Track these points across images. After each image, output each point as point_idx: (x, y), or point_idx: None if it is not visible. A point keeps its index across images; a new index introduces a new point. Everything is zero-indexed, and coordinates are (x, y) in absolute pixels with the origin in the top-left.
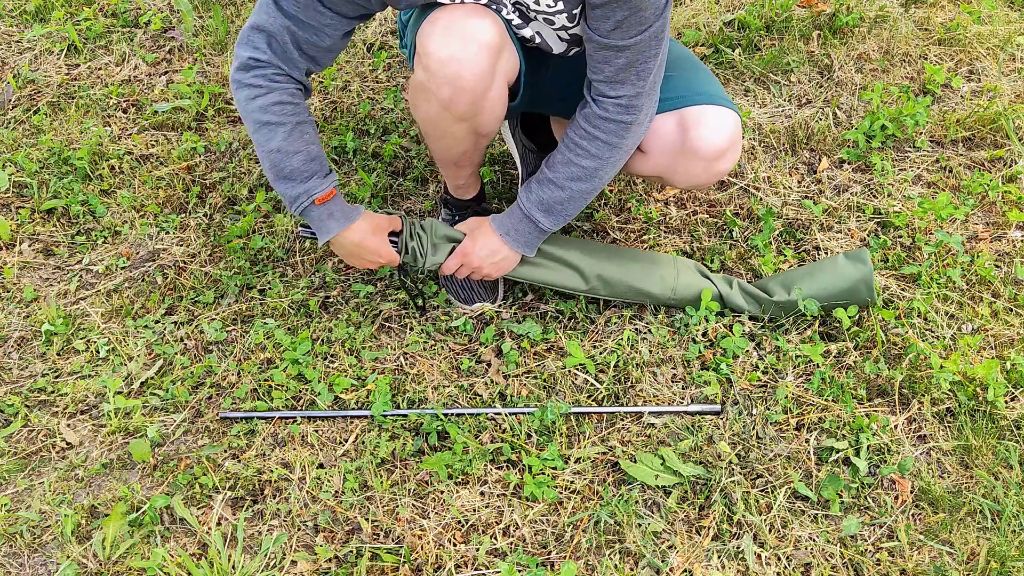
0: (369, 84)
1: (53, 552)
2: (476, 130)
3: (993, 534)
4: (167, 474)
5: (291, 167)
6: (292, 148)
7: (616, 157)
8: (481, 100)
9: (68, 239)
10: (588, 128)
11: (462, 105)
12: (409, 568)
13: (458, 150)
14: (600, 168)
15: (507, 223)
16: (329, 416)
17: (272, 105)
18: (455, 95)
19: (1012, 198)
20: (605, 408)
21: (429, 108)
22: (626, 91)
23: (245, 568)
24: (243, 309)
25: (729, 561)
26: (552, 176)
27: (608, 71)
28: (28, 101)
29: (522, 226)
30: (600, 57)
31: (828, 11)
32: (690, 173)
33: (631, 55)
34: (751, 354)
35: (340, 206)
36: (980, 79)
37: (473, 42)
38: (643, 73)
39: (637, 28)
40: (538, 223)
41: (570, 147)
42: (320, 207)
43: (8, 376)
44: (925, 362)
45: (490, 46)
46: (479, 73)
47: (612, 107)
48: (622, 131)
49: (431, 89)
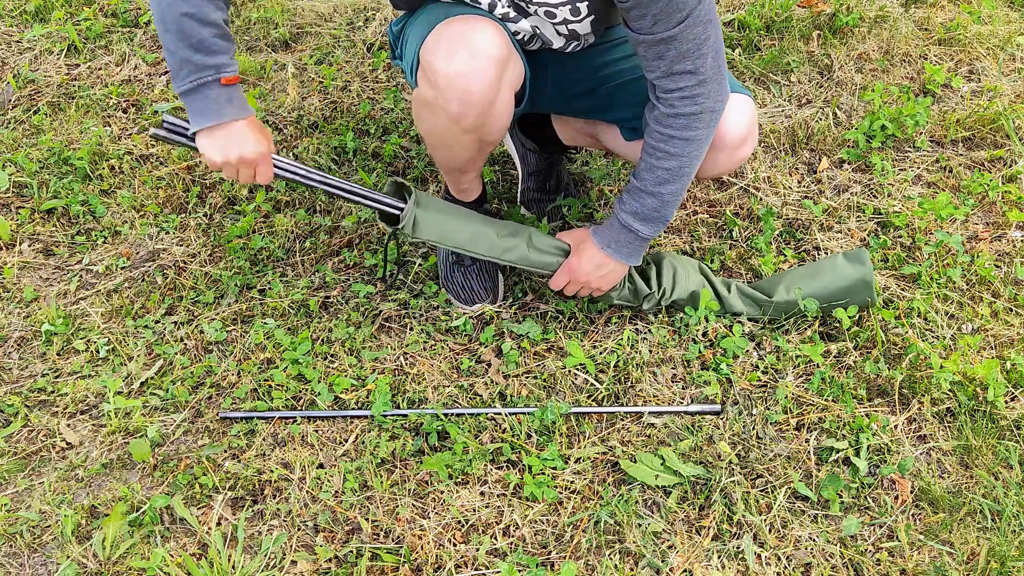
0: (369, 84)
1: (53, 552)
2: (482, 139)
3: (993, 534)
4: (167, 474)
5: (200, 37)
6: (205, 18)
7: (696, 150)
8: (489, 112)
9: (68, 239)
10: (661, 130)
11: (471, 118)
12: (409, 568)
13: (463, 158)
14: (684, 166)
15: (607, 236)
16: (329, 416)
17: None
18: (464, 109)
19: (1012, 198)
20: (605, 408)
21: (436, 122)
22: (686, 82)
23: (245, 568)
24: (243, 309)
25: (729, 561)
26: (640, 184)
27: (663, 66)
28: (28, 101)
29: (622, 237)
30: (651, 55)
31: (828, 11)
32: (715, 163)
33: (680, 45)
34: (751, 354)
35: (241, 95)
36: (980, 79)
37: (480, 56)
38: (698, 60)
39: (677, 16)
40: (637, 232)
41: (650, 152)
42: (223, 88)
43: (8, 376)
44: (925, 362)
45: (497, 58)
46: (487, 86)
47: (677, 102)
48: (694, 123)
49: (439, 104)
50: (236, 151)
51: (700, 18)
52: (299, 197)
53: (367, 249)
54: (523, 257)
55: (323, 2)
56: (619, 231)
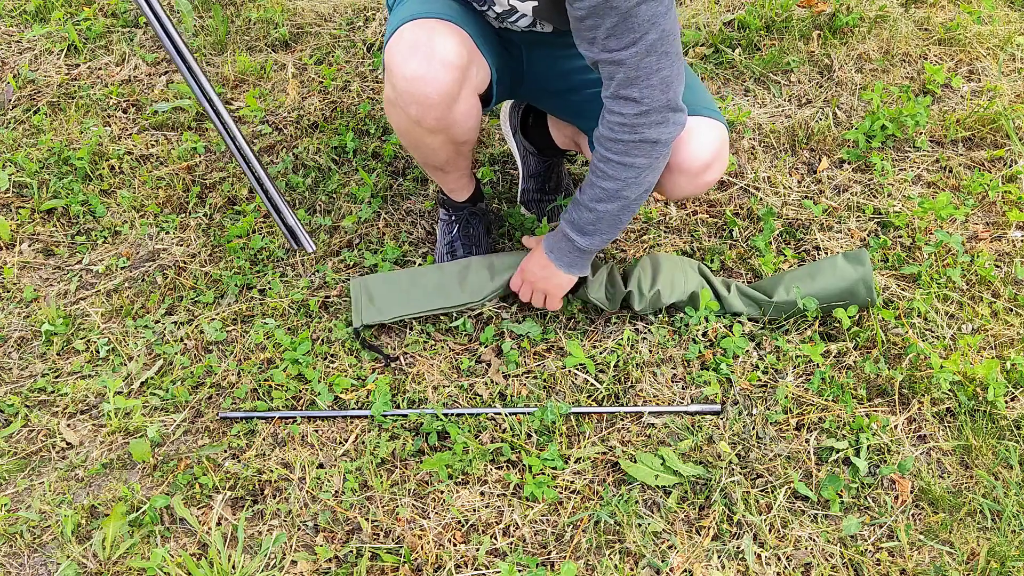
0: (369, 84)
1: (53, 552)
2: (452, 140)
3: (993, 534)
4: (167, 474)
5: None
6: None
7: (634, 176)
8: (448, 115)
9: (68, 239)
10: (601, 150)
11: (431, 120)
12: (409, 568)
13: (439, 158)
14: (621, 189)
15: (551, 241)
16: (329, 416)
17: None
18: (422, 112)
19: (1012, 198)
20: (605, 408)
21: (400, 121)
22: (628, 109)
23: (245, 568)
24: (243, 309)
25: (729, 561)
26: (580, 197)
27: (611, 87)
28: (28, 101)
29: (562, 244)
30: (604, 73)
31: (828, 11)
32: (677, 186)
33: (628, 71)
34: (751, 354)
35: None
36: (980, 79)
37: (437, 61)
38: (645, 90)
39: (630, 36)
40: (574, 242)
41: (592, 168)
42: None
43: (8, 376)
44: (925, 362)
45: (456, 65)
46: (444, 91)
47: (616, 127)
48: (632, 150)
49: (400, 105)
50: None
51: (654, 48)
52: (299, 197)
53: (367, 249)
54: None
55: (323, 2)
56: (559, 238)
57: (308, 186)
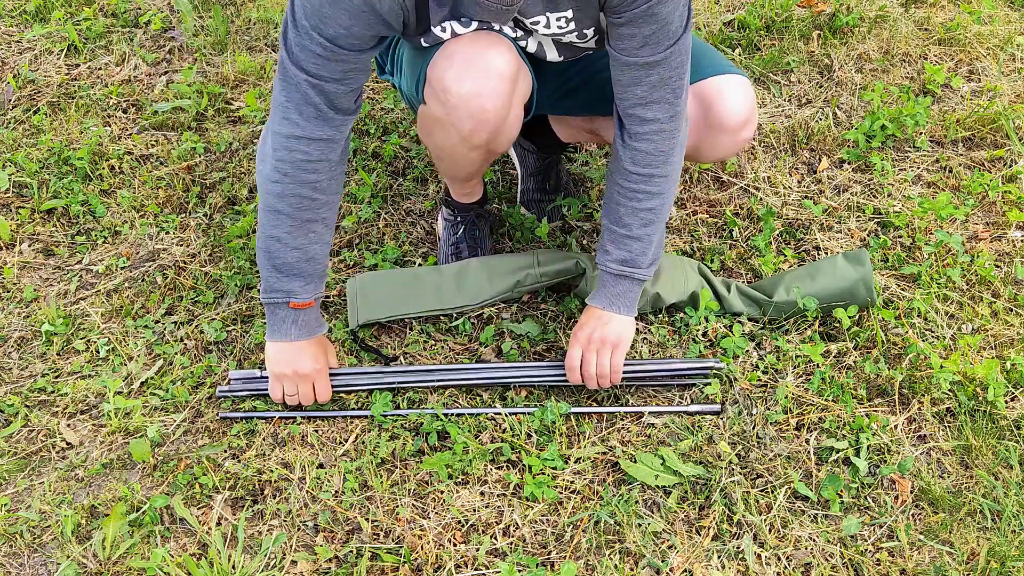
0: (369, 84)
1: (53, 552)
2: (492, 152)
3: (993, 534)
4: (167, 474)
5: (283, 260)
6: (292, 243)
7: (673, 182)
8: (501, 128)
9: (68, 239)
10: (640, 171)
11: (483, 135)
12: (409, 568)
13: (471, 170)
14: (664, 201)
15: (604, 297)
16: (329, 416)
17: (289, 196)
18: (476, 127)
19: (1012, 198)
20: (605, 408)
21: (446, 138)
22: (662, 112)
23: (245, 568)
24: (243, 309)
25: (729, 561)
26: (625, 232)
27: (640, 92)
28: (28, 101)
29: (621, 289)
30: (630, 79)
31: (828, 11)
32: (717, 147)
33: (663, 71)
34: (751, 354)
35: (313, 317)
36: (980, 79)
37: (493, 74)
38: (677, 90)
39: (666, 42)
40: (635, 277)
41: (628, 196)
42: (291, 310)
43: (8, 376)
44: (925, 362)
45: (510, 76)
46: (500, 104)
47: (653, 136)
48: (672, 158)
49: (450, 122)
50: (290, 366)
51: (684, 48)
52: None
53: (367, 249)
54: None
55: None
56: (614, 286)
57: None
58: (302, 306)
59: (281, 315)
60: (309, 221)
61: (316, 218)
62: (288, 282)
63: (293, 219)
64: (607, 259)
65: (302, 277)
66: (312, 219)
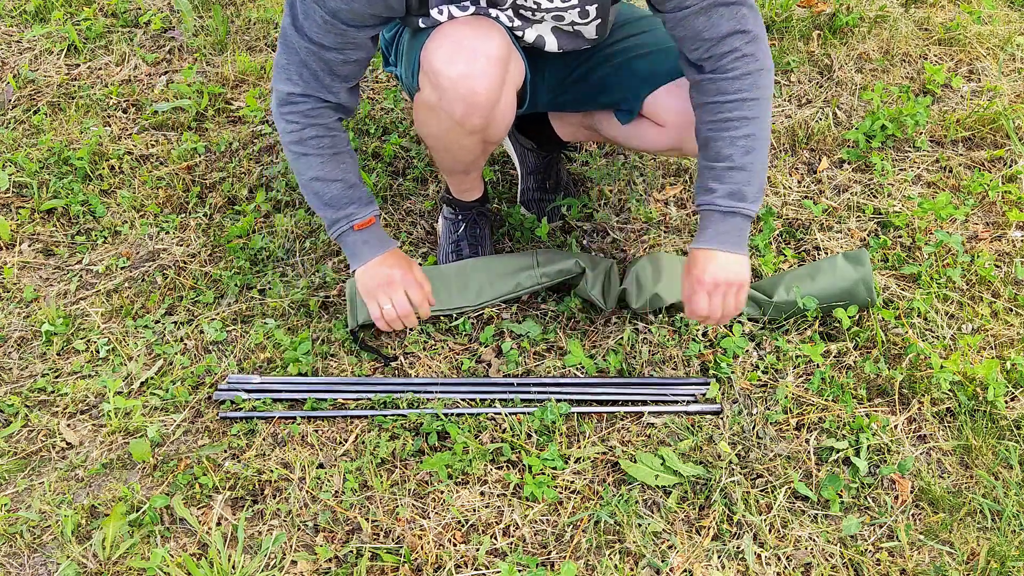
0: (369, 84)
1: (53, 552)
2: (486, 140)
3: (993, 534)
4: (167, 474)
5: (330, 194)
6: (329, 176)
7: (766, 105)
8: (492, 112)
9: (68, 239)
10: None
11: (475, 120)
12: (409, 568)
13: (467, 160)
14: (762, 126)
15: (715, 237)
16: (329, 416)
17: (309, 139)
18: (468, 111)
19: (1012, 198)
20: (605, 408)
21: (439, 125)
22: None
23: (245, 568)
24: (243, 309)
25: (729, 561)
26: (726, 165)
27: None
28: (28, 101)
29: (729, 226)
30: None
31: (828, 11)
32: None
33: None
34: (751, 354)
35: (378, 234)
36: (980, 79)
37: (482, 57)
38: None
39: None
40: (743, 212)
41: (722, 128)
42: (357, 233)
43: (8, 376)
44: (925, 362)
45: (499, 59)
46: (491, 87)
47: (736, 62)
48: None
49: (442, 107)
50: (375, 280)
51: None
52: (299, 197)
53: None
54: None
55: None
56: (722, 224)
57: None
58: (364, 225)
59: (351, 241)
60: (336, 154)
61: (340, 150)
62: (343, 210)
63: (321, 156)
64: (713, 197)
65: (353, 202)
66: (337, 151)
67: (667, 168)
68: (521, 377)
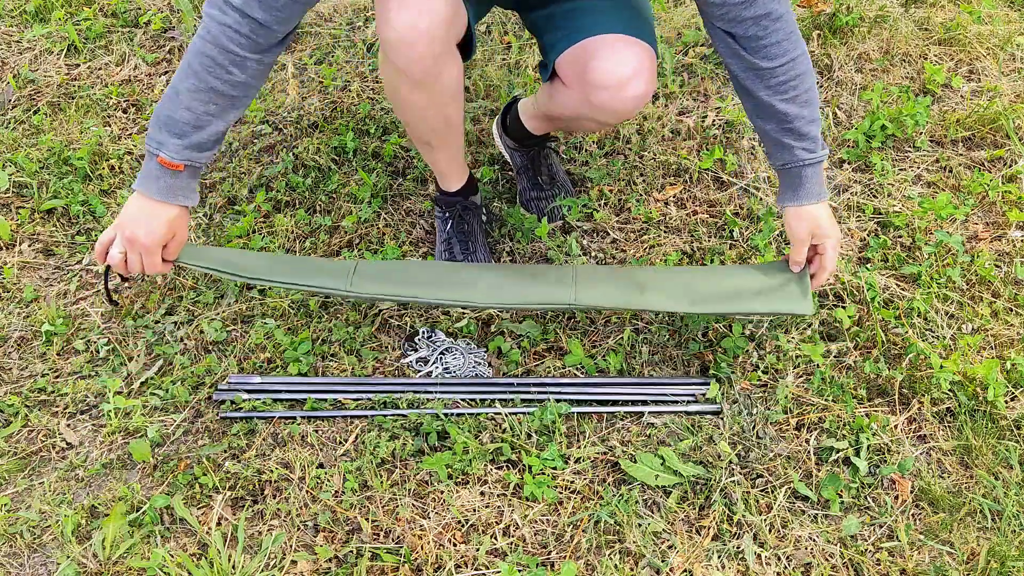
0: (369, 84)
1: (53, 552)
2: (437, 99)
3: (993, 534)
4: (167, 474)
5: (171, 114)
6: (187, 103)
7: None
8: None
9: (68, 239)
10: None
11: (417, 71)
12: (409, 568)
13: (428, 125)
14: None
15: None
16: (329, 416)
17: (205, 56)
18: (409, 64)
19: (1012, 198)
20: (605, 408)
21: (390, 78)
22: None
23: (245, 568)
24: (243, 309)
25: (729, 561)
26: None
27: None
28: (28, 101)
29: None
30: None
31: (828, 11)
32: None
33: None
34: (751, 354)
35: (175, 183)
36: (980, 79)
37: (428, 10)
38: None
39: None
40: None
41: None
42: (158, 165)
43: (8, 376)
44: (925, 362)
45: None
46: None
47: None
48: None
49: (389, 58)
50: (130, 226)
51: None
52: (299, 197)
53: (367, 249)
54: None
55: (323, 2)
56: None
57: (308, 186)
58: (169, 164)
59: (151, 166)
60: (213, 91)
61: (222, 91)
62: (164, 136)
63: (199, 79)
64: (795, 155)
65: (181, 138)
66: (217, 89)
67: (667, 168)
68: (521, 377)
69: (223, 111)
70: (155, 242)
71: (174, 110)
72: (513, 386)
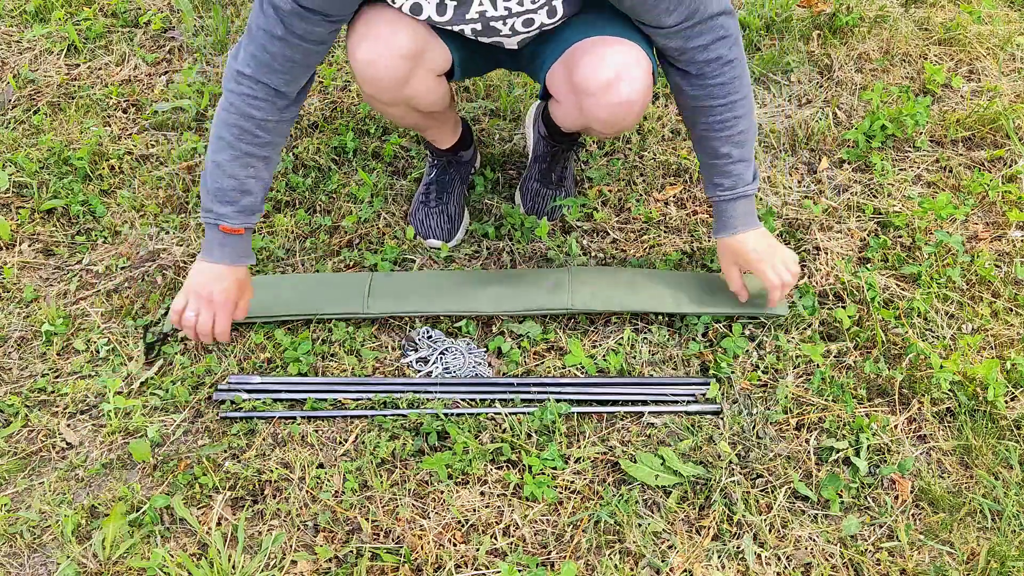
0: None
1: (53, 552)
2: (415, 109)
3: (993, 534)
4: (167, 474)
5: (219, 186)
6: (229, 172)
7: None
8: (402, 93)
9: (68, 239)
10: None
11: (386, 97)
12: (409, 568)
13: (408, 122)
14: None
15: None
16: (329, 416)
17: (233, 126)
18: (376, 91)
19: (1012, 198)
20: (605, 408)
21: (364, 94)
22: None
23: (245, 568)
24: None
25: (729, 561)
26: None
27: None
28: (28, 101)
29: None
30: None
31: (828, 11)
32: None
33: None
34: (751, 354)
35: (238, 246)
36: (980, 79)
37: (387, 50)
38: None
39: None
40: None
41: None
42: (221, 233)
43: (8, 376)
44: (925, 362)
45: (404, 55)
46: (395, 76)
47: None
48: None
49: (357, 80)
50: (204, 288)
51: None
52: (299, 197)
53: (367, 249)
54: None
55: None
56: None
57: (308, 186)
58: (231, 231)
59: (212, 236)
60: (248, 155)
61: (255, 153)
62: (220, 207)
63: (233, 149)
64: (721, 191)
65: (234, 205)
66: (251, 153)
67: (667, 168)
68: (521, 377)
69: (261, 171)
70: (230, 299)
71: (220, 180)
72: (513, 386)
